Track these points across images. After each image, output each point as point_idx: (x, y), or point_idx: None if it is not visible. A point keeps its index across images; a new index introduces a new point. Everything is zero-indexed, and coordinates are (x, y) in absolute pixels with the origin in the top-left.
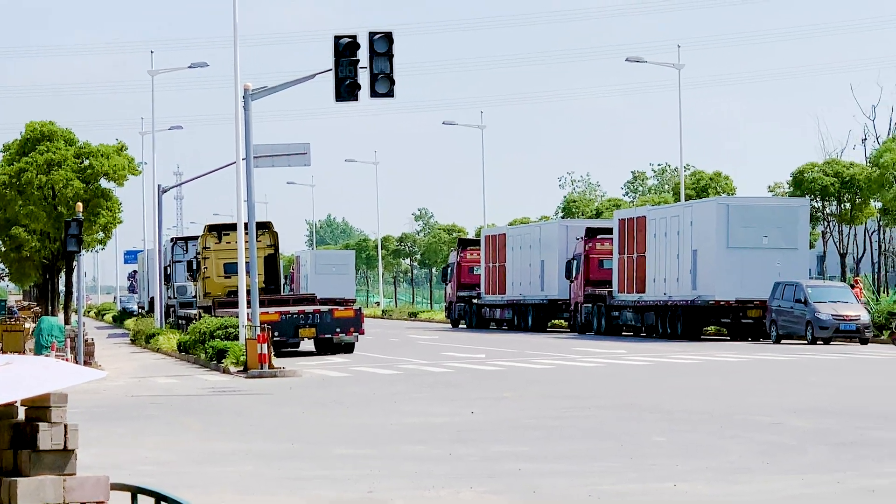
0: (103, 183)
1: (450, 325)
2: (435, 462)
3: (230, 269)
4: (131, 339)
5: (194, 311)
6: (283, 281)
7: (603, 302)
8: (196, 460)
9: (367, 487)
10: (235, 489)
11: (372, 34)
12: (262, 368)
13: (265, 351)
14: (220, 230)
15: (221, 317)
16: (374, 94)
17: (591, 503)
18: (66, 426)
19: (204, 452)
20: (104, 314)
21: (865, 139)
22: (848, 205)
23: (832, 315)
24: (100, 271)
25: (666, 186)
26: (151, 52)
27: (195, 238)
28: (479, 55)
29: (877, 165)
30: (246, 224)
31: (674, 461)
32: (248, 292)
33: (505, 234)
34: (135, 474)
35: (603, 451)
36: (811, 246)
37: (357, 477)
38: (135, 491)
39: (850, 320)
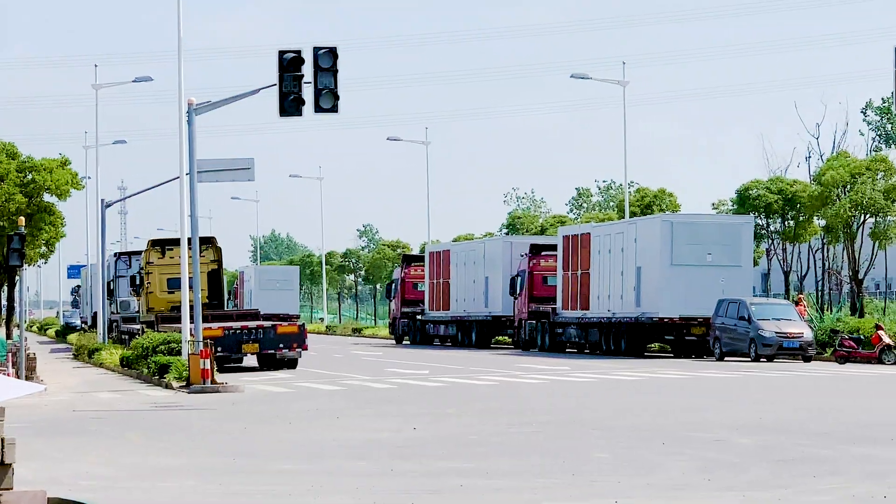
0: (46, 197)
1: (394, 341)
2: (377, 478)
3: (173, 285)
4: (74, 354)
5: (137, 326)
6: (226, 296)
7: (547, 318)
8: (138, 475)
9: (309, 503)
10: None
11: (316, 49)
12: (204, 384)
13: (208, 366)
14: (164, 245)
15: (164, 332)
16: (318, 109)
17: None
18: (2, 440)
19: (146, 467)
20: (47, 329)
21: (809, 157)
22: (792, 222)
23: (776, 332)
24: (42, 286)
25: (611, 203)
26: (95, 65)
27: (139, 253)
28: (423, 71)
29: (820, 183)
30: (189, 239)
31: (616, 477)
32: (192, 307)
33: (449, 251)
34: (75, 489)
35: (545, 467)
36: (755, 263)
37: (300, 492)
38: None
39: (794, 338)
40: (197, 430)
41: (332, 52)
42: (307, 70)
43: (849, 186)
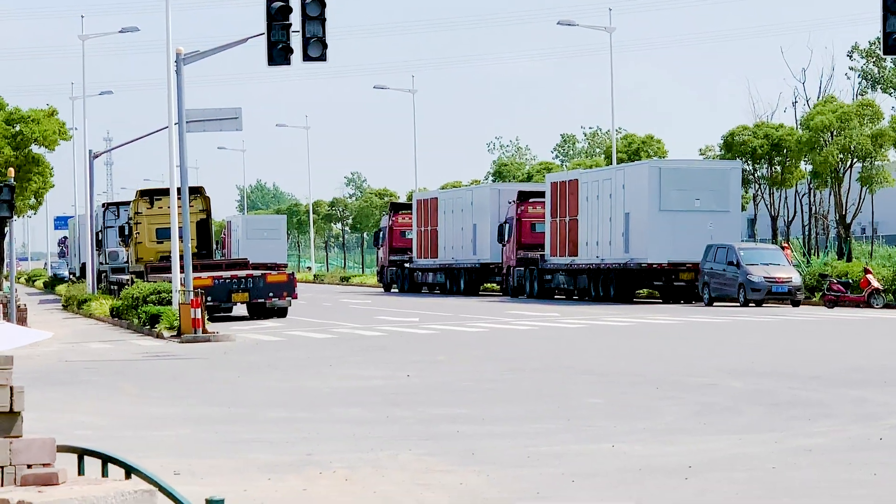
0: (34, 148)
1: (382, 290)
2: (372, 425)
3: (163, 235)
4: (63, 305)
5: (126, 277)
6: (214, 246)
7: (535, 265)
8: (133, 425)
9: (305, 450)
10: (174, 453)
11: None
12: (195, 333)
13: (199, 316)
14: (153, 195)
15: (154, 282)
16: (306, 58)
17: (529, 464)
18: (11, 388)
19: (140, 417)
20: (35, 280)
21: (796, 102)
22: (778, 168)
23: (764, 277)
24: (30, 237)
25: (597, 150)
26: (82, 16)
27: (127, 203)
28: (410, 19)
29: (808, 128)
30: (179, 189)
31: (610, 422)
32: (181, 257)
33: (437, 199)
34: (72, 439)
35: (539, 413)
36: (743, 209)
37: (295, 440)
38: (81, 453)
39: (783, 282)
40: (190, 379)
41: (320, 1)
42: (295, 19)
43: (836, 131)
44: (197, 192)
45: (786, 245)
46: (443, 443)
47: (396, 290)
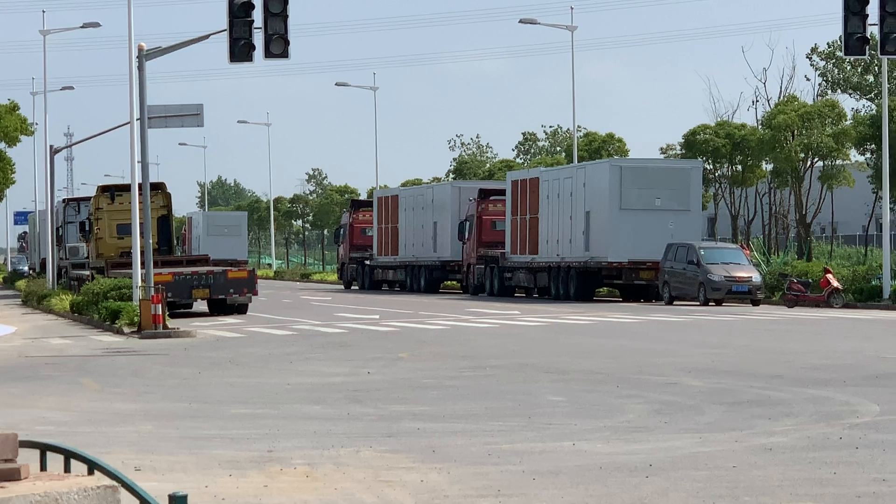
0: None
1: (342, 287)
2: (333, 422)
3: (123, 230)
4: (23, 301)
5: (87, 272)
6: (175, 242)
7: (496, 263)
8: (94, 420)
9: (266, 447)
10: (135, 449)
11: None
12: (156, 329)
13: (159, 311)
14: (113, 191)
15: (115, 278)
16: (268, 54)
17: (490, 462)
18: None
19: (102, 412)
20: None
21: (756, 101)
22: (739, 167)
23: (724, 276)
24: None
25: (558, 148)
26: (43, 11)
27: (87, 199)
28: (372, 17)
29: (770, 127)
30: (140, 185)
31: (572, 420)
32: (142, 253)
33: (397, 196)
34: (33, 434)
35: (501, 410)
36: (703, 208)
37: (256, 436)
38: (44, 448)
39: (743, 281)
40: (151, 375)
41: None
42: (257, 15)
43: (798, 130)
44: (158, 188)
45: (744, 246)
46: (404, 440)
47: (357, 288)
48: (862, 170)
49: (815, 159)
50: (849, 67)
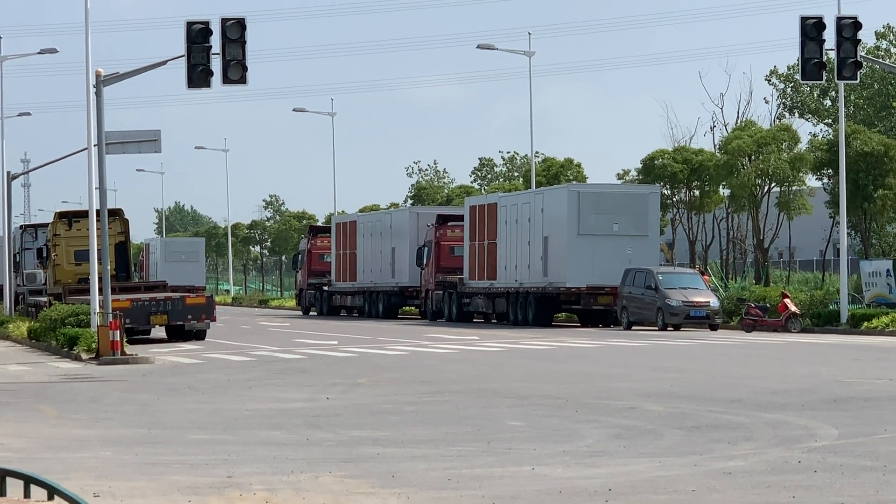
0: None
1: (301, 313)
2: (292, 447)
3: (81, 257)
4: None
5: (44, 299)
6: (133, 269)
7: (454, 289)
8: (52, 446)
9: (225, 472)
10: (94, 475)
11: (224, 20)
12: (114, 355)
13: (117, 338)
14: (71, 217)
15: (72, 304)
16: (226, 80)
17: (450, 487)
18: None
19: (60, 439)
20: None
21: (714, 127)
22: (697, 192)
23: (682, 301)
24: None
25: (515, 173)
26: (0, 37)
27: (45, 225)
28: (330, 43)
29: (726, 152)
30: (97, 211)
31: (531, 445)
32: (100, 279)
33: (356, 222)
34: None
35: (460, 435)
36: (661, 233)
37: (215, 462)
38: (3, 474)
39: (700, 306)
40: (109, 401)
41: (241, 24)
42: (215, 41)
43: (753, 155)
44: (115, 214)
45: (700, 270)
46: (364, 465)
47: (315, 314)
48: (813, 195)
49: (772, 185)
50: (806, 91)
